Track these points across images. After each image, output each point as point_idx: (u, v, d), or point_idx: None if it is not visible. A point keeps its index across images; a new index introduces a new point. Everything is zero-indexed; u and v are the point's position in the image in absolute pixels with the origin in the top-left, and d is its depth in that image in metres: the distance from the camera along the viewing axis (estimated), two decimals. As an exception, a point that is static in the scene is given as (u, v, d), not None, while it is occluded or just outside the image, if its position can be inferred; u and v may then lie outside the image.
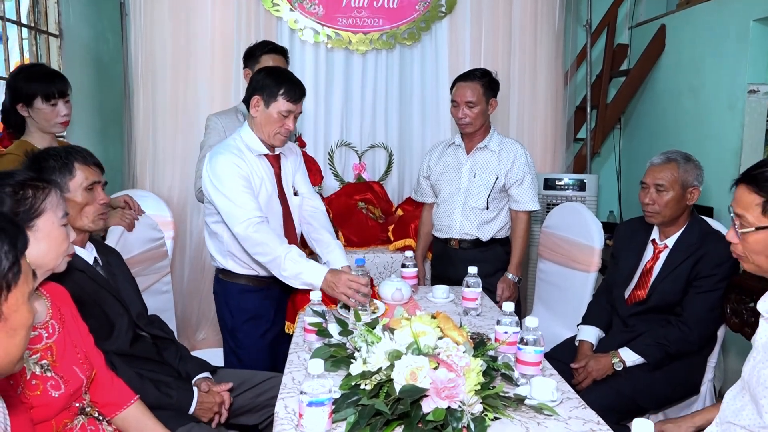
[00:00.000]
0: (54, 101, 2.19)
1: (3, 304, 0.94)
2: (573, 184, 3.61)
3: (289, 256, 2.09)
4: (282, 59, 2.74)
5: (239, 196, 2.13)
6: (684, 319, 2.10)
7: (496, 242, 2.73)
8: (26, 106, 2.18)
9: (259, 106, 2.18)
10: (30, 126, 2.22)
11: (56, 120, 2.21)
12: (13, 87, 2.19)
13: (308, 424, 1.31)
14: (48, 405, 1.34)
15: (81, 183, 1.71)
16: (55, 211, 1.39)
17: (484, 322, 2.14)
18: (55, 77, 2.23)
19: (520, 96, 3.66)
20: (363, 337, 1.54)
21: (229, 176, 2.14)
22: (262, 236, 2.11)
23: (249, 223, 2.11)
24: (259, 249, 2.13)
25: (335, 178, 3.63)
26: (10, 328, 0.95)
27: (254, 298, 2.30)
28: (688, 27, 3.74)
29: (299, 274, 2.10)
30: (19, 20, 2.87)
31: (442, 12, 3.57)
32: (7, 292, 0.94)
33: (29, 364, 1.33)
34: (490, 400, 1.41)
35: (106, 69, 3.49)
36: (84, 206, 1.72)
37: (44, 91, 2.17)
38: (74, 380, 1.41)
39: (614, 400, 2.02)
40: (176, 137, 3.44)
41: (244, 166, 2.18)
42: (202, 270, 3.48)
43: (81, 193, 1.71)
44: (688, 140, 3.61)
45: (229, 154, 2.17)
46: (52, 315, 1.44)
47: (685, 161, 2.16)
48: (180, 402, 1.79)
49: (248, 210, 2.13)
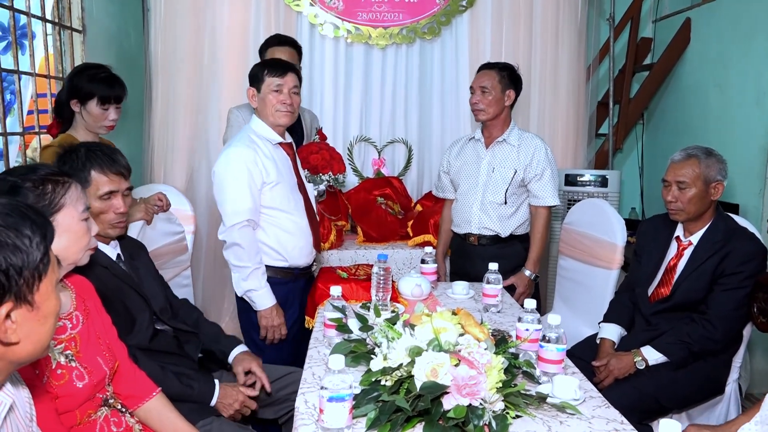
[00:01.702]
0: (107, 106, 2.24)
1: (35, 293, 0.96)
2: (595, 180, 3.57)
3: (258, 270, 2.23)
4: (290, 50, 2.74)
5: (239, 189, 2.17)
6: (708, 317, 2.06)
7: (515, 239, 2.70)
8: (80, 103, 2.24)
9: (255, 96, 2.26)
10: (77, 122, 2.28)
11: (103, 123, 2.27)
12: (73, 83, 2.24)
13: (329, 419, 1.31)
14: (72, 395, 1.36)
15: (95, 192, 1.67)
16: (75, 206, 1.39)
17: (505, 319, 2.12)
18: (116, 83, 2.28)
19: (541, 91, 3.62)
20: (383, 333, 1.54)
21: (235, 168, 2.18)
22: (246, 240, 2.20)
23: (240, 221, 2.18)
24: (236, 249, 2.20)
25: (354, 173, 3.63)
26: (42, 315, 0.98)
27: (280, 291, 2.32)
28: (714, 20, 3.67)
29: (252, 290, 2.23)
30: (43, 16, 2.90)
31: (463, 6, 3.54)
32: (38, 281, 0.96)
33: (54, 353, 1.35)
34: (511, 397, 1.40)
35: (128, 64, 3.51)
36: (99, 214, 1.68)
37: (102, 94, 2.22)
38: (98, 371, 1.43)
39: (636, 400, 1.99)
40: (192, 132, 3.48)
41: (258, 159, 2.20)
42: (220, 263, 3.50)
43: (95, 202, 1.66)
44: (713, 136, 3.55)
45: (241, 147, 2.20)
46: (76, 306, 1.45)
47: (706, 156, 2.12)
48: (202, 393, 1.80)
49: (243, 209, 2.18)
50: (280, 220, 2.28)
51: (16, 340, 0.95)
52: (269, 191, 2.23)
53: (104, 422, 1.45)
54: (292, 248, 2.31)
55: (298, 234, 2.32)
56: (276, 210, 2.27)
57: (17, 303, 0.94)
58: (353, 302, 2.21)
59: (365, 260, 2.95)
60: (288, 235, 2.30)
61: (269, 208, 2.26)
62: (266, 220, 2.27)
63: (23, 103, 2.81)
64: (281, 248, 2.29)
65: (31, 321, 0.97)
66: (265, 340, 2.31)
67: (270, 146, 2.26)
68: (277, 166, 2.25)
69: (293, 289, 2.36)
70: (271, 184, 2.23)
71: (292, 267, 2.34)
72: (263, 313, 2.27)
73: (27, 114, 2.88)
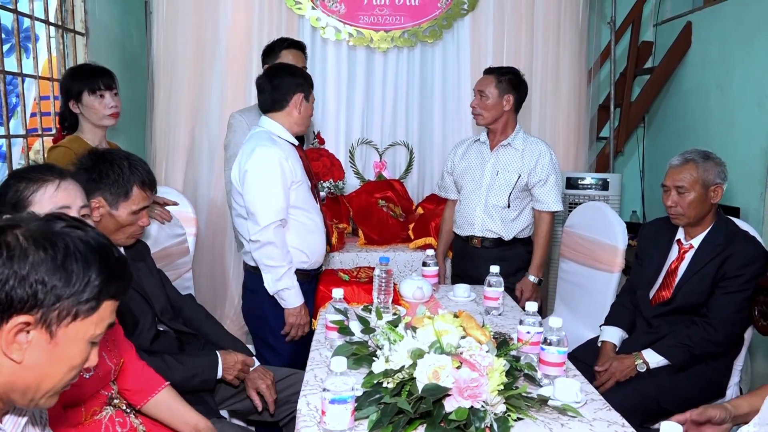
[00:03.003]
0: (101, 92, 2.28)
1: (62, 328, 0.92)
2: (596, 184, 3.57)
3: (291, 269, 2.25)
4: (301, 54, 2.75)
5: (274, 188, 2.19)
6: (710, 320, 2.06)
7: (518, 242, 2.71)
8: (77, 102, 2.28)
9: (301, 103, 2.29)
10: (82, 122, 2.32)
11: (105, 112, 2.29)
12: (64, 87, 2.30)
13: (331, 421, 1.31)
14: (78, 386, 1.36)
15: (131, 206, 1.73)
16: (43, 204, 1.35)
17: (506, 321, 2.12)
18: (100, 72, 2.32)
19: (542, 94, 3.62)
20: (385, 335, 1.54)
21: (271, 166, 2.19)
22: (279, 239, 2.21)
23: (275, 220, 2.18)
24: (270, 249, 2.20)
25: (356, 176, 3.63)
26: (57, 354, 0.93)
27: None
28: (716, 24, 3.67)
29: (285, 289, 2.24)
30: (47, 19, 2.91)
31: (464, 10, 3.55)
32: (71, 320, 0.92)
33: None
34: (513, 400, 1.40)
35: (131, 66, 3.53)
36: (125, 226, 1.73)
37: (90, 86, 2.26)
38: (102, 365, 1.44)
39: (638, 402, 2.00)
40: (194, 134, 3.48)
41: (288, 158, 2.23)
42: (222, 266, 3.51)
43: (126, 215, 1.72)
44: (715, 139, 3.55)
45: (271, 145, 2.22)
46: None
47: (704, 160, 2.12)
48: (207, 369, 1.82)
49: (278, 207, 2.19)
50: (303, 219, 2.31)
51: (19, 359, 0.90)
52: (295, 190, 2.26)
53: (109, 422, 1.46)
54: (315, 247, 2.35)
55: (317, 233, 2.36)
56: (299, 209, 2.29)
57: (40, 323, 0.90)
58: (355, 305, 2.21)
59: (366, 263, 2.96)
60: (311, 234, 2.34)
61: (294, 207, 2.28)
62: (292, 220, 2.28)
63: (26, 106, 2.82)
64: (307, 248, 2.32)
65: (44, 351, 0.91)
66: (284, 338, 2.33)
67: (291, 147, 2.29)
68: (297, 168, 2.28)
69: (308, 291, 2.39)
70: (297, 184, 2.26)
71: (311, 268, 2.38)
72: (292, 311, 2.28)
73: (30, 116, 2.89)
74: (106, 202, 1.70)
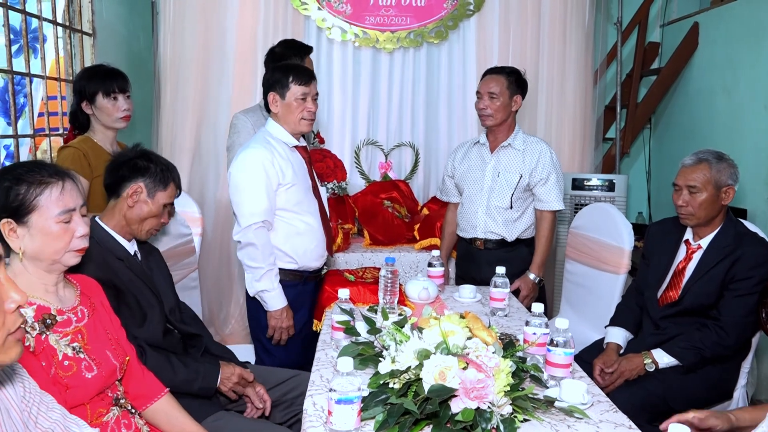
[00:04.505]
0: (114, 95, 2.29)
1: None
2: (602, 185, 3.57)
3: (272, 272, 2.24)
4: (310, 61, 2.76)
5: (255, 190, 2.18)
6: (721, 324, 2.05)
7: (521, 243, 2.70)
8: (90, 103, 2.29)
9: (277, 101, 2.25)
10: (94, 124, 2.33)
11: (117, 115, 2.31)
12: (78, 87, 2.31)
13: (337, 421, 1.31)
14: (82, 386, 1.37)
15: (164, 200, 1.84)
16: (50, 208, 1.36)
17: (512, 322, 2.12)
18: (115, 74, 2.34)
19: (548, 95, 3.62)
20: (391, 336, 1.54)
21: (252, 169, 2.19)
22: (261, 241, 2.21)
23: (257, 221, 2.19)
24: (251, 250, 2.21)
25: (361, 177, 3.64)
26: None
27: (290, 293, 2.33)
28: (723, 24, 3.66)
29: (265, 291, 2.24)
30: (54, 19, 2.93)
31: (470, 10, 3.55)
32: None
33: (60, 346, 1.36)
34: (519, 401, 1.40)
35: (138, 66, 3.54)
36: (150, 218, 1.81)
37: (105, 88, 2.28)
38: (107, 363, 1.44)
39: (645, 400, 1.99)
40: (200, 134, 3.50)
41: (275, 160, 2.21)
42: (228, 266, 3.52)
43: (158, 206, 1.83)
44: (721, 141, 3.54)
45: (260, 148, 2.21)
46: (80, 301, 1.47)
47: (718, 160, 2.11)
48: (207, 375, 1.82)
49: (260, 209, 2.19)
50: (292, 221, 2.29)
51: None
52: (284, 192, 2.25)
53: (115, 424, 1.46)
54: (303, 250, 2.32)
55: (309, 235, 2.33)
56: (289, 212, 2.28)
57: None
58: (360, 305, 2.21)
59: (372, 263, 2.96)
60: (299, 236, 2.31)
61: (282, 209, 2.26)
62: (279, 222, 2.28)
63: (34, 106, 2.84)
64: (292, 250, 2.30)
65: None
66: (271, 341, 2.32)
67: (287, 149, 2.27)
68: (294, 168, 2.27)
69: (302, 292, 2.37)
70: (286, 186, 2.24)
71: (302, 269, 2.34)
72: (273, 313, 2.28)
73: (38, 116, 2.91)
74: (145, 188, 1.80)
